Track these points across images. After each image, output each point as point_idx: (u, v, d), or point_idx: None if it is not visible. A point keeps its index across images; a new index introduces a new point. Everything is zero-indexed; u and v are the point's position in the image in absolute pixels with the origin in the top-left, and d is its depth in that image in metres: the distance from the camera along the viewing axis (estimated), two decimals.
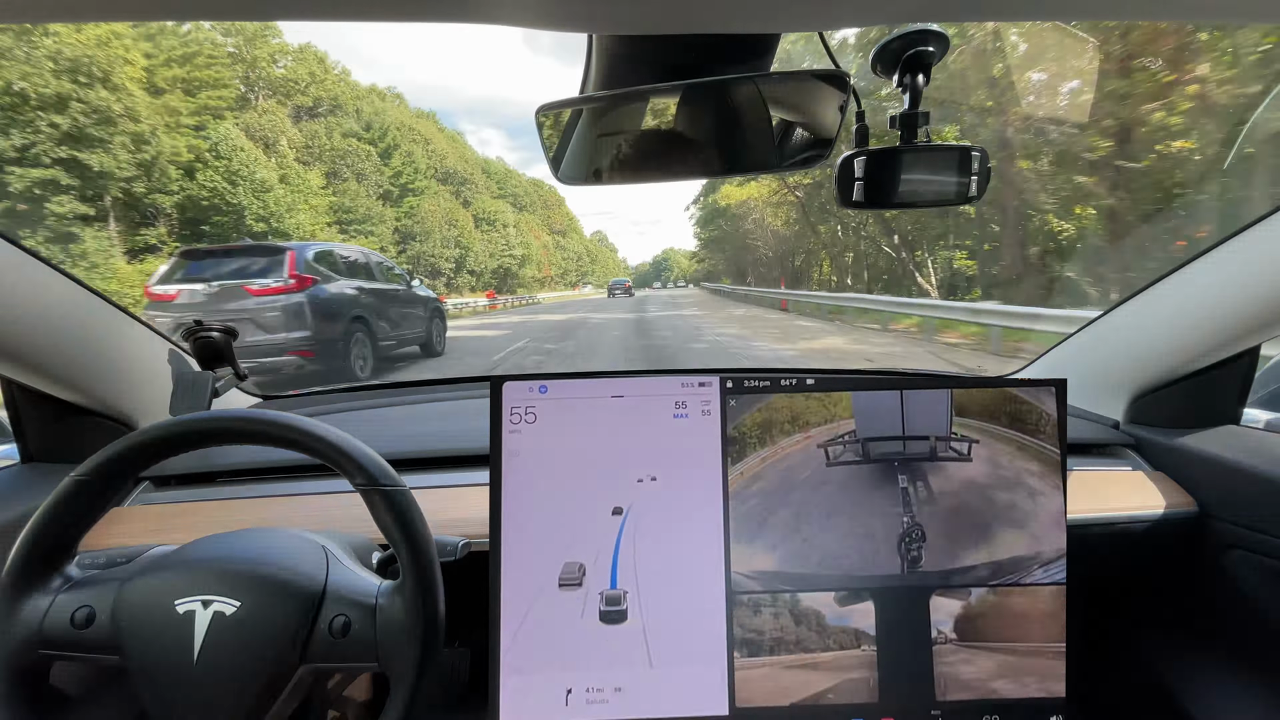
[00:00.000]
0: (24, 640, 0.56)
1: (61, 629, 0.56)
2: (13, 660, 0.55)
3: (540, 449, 0.68)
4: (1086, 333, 1.07)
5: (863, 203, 0.67)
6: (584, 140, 0.71)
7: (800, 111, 0.69)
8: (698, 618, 0.67)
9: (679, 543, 0.68)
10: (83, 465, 0.59)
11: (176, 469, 0.94)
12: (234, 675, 0.56)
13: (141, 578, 0.59)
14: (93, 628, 0.56)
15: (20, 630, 0.56)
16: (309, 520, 0.83)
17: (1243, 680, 0.86)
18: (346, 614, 0.59)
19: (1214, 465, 0.88)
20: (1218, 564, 0.87)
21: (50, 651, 0.56)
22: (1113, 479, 0.94)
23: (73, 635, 0.56)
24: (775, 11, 0.41)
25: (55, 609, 0.57)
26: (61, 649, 0.56)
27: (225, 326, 0.98)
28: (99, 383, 0.88)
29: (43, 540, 0.58)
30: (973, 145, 0.66)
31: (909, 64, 0.62)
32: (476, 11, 0.39)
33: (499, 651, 0.66)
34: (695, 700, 0.67)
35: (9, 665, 0.55)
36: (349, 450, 0.60)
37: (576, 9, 0.39)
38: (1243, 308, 0.81)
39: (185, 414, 0.63)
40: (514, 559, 0.67)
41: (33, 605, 0.57)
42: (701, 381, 0.70)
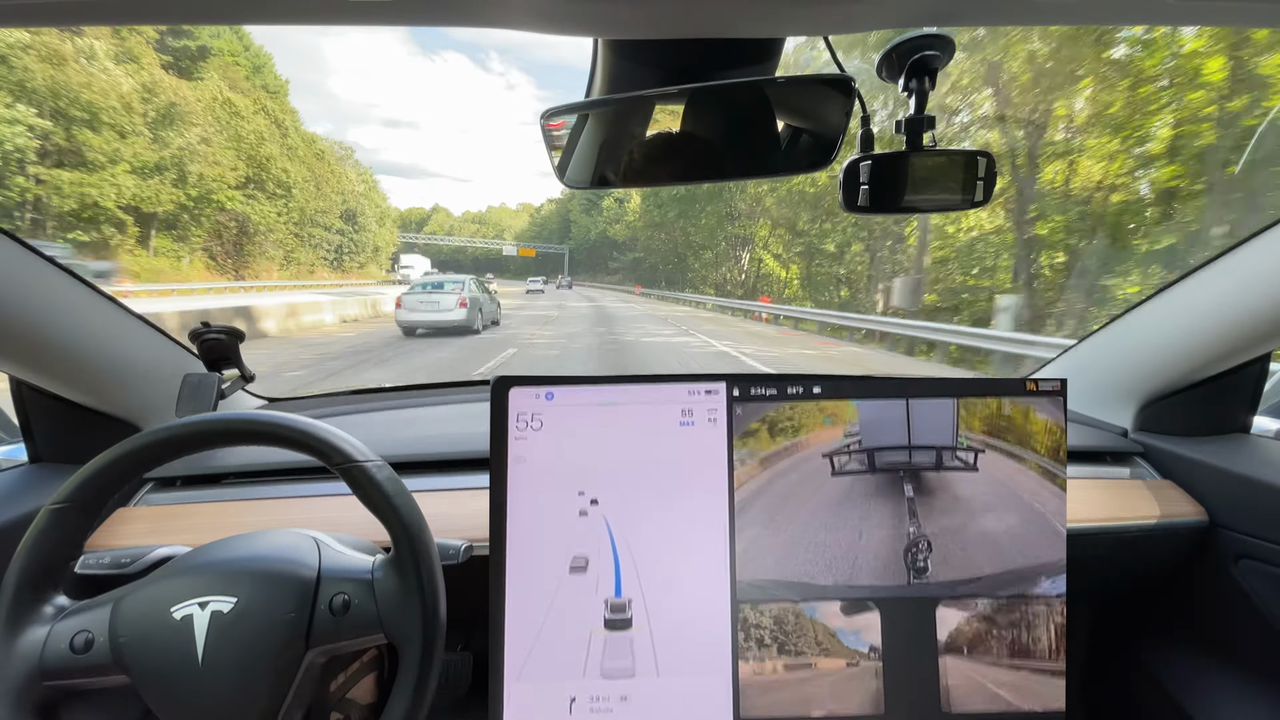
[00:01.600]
0: (26, 675, 0.55)
1: (62, 657, 0.56)
2: (20, 697, 0.55)
3: (546, 456, 0.68)
4: (1094, 339, 1.06)
5: (868, 207, 0.67)
6: (589, 145, 0.71)
7: (805, 116, 0.69)
8: (703, 626, 0.67)
9: (684, 551, 0.67)
10: (59, 491, 0.58)
11: (181, 470, 0.95)
12: (242, 670, 0.56)
13: (135, 593, 0.59)
14: (93, 651, 0.56)
15: (21, 665, 0.55)
16: (312, 522, 0.83)
17: (1251, 691, 0.85)
18: (345, 592, 0.59)
19: (1224, 474, 0.87)
20: (1227, 574, 0.86)
21: (56, 683, 0.56)
22: (1121, 487, 0.93)
23: (74, 662, 0.56)
24: (779, 16, 0.41)
25: (53, 638, 0.56)
26: (66, 677, 0.56)
27: (230, 328, 0.98)
28: (106, 383, 0.88)
29: (30, 572, 0.57)
30: (979, 150, 0.66)
31: (914, 68, 0.61)
32: (482, 16, 0.39)
33: (501, 657, 0.66)
34: (700, 710, 0.66)
35: (17, 703, 0.55)
36: (321, 434, 0.61)
37: (582, 13, 0.39)
38: (1253, 314, 0.80)
39: (189, 416, 0.63)
40: (518, 564, 0.67)
41: (30, 638, 0.56)
42: (708, 389, 0.69)
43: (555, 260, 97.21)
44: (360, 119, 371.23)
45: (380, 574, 0.61)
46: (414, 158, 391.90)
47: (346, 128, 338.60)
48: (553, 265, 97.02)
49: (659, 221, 39.65)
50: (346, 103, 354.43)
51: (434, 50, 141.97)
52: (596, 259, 78.74)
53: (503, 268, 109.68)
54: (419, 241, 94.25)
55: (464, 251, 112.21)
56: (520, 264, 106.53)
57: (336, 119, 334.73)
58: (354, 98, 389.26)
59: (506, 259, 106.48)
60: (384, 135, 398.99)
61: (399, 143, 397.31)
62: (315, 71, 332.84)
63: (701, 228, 32.01)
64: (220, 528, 0.79)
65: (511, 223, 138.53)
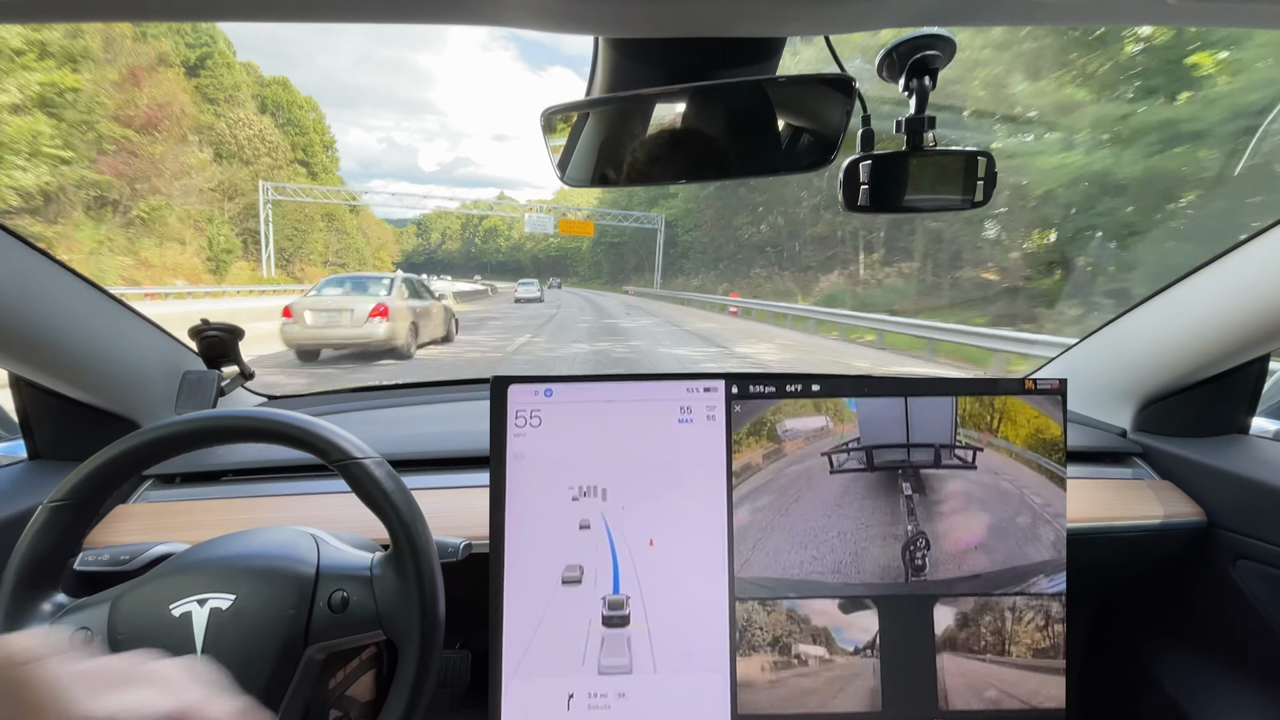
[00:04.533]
0: None
1: None
2: None
3: (545, 452, 0.68)
4: (1094, 339, 1.06)
5: (868, 207, 0.67)
6: (589, 143, 0.71)
7: (806, 115, 0.69)
8: (701, 624, 0.67)
9: (682, 548, 0.68)
10: (57, 488, 0.58)
11: (181, 467, 0.95)
12: (241, 667, 0.56)
13: (133, 591, 0.59)
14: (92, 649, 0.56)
15: None
16: (311, 519, 0.83)
17: (1249, 691, 0.85)
18: (344, 589, 0.59)
19: (1222, 475, 0.87)
20: (1225, 574, 0.86)
21: None
22: (1120, 487, 0.93)
23: None
24: (779, 16, 0.41)
25: None
26: None
27: (230, 326, 0.98)
28: (105, 380, 0.88)
29: (28, 569, 0.57)
30: (979, 150, 0.66)
31: (915, 68, 0.61)
32: (482, 14, 0.39)
33: (500, 654, 0.66)
34: (697, 707, 0.66)
35: None
36: (320, 431, 0.61)
37: (582, 11, 0.39)
38: (1253, 315, 0.80)
39: (189, 413, 0.63)
40: (517, 562, 0.67)
41: None
42: (707, 386, 0.69)
43: (644, 242, 56.85)
44: (469, 133, 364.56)
45: (379, 571, 0.61)
46: (517, 171, 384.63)
47: (459, 141, 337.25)
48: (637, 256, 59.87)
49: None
50: (457, 119, 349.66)
51: (541, 67, 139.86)
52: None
53: (522, 268, 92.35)
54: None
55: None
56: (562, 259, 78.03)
57: (451, 135, 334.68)
58: (464, 116, 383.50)
59: (530, 253, 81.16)
60: (492, 148, 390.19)
61: (505, 156, 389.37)
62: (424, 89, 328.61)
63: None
64: (219, 525, 0.79)
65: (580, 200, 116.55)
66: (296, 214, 38.47)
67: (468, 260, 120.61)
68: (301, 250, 39.13)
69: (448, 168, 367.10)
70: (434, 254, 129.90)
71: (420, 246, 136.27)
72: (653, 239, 48.41)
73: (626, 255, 54.81)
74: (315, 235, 40.84)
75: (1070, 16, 0.43)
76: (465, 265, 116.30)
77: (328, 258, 42.57)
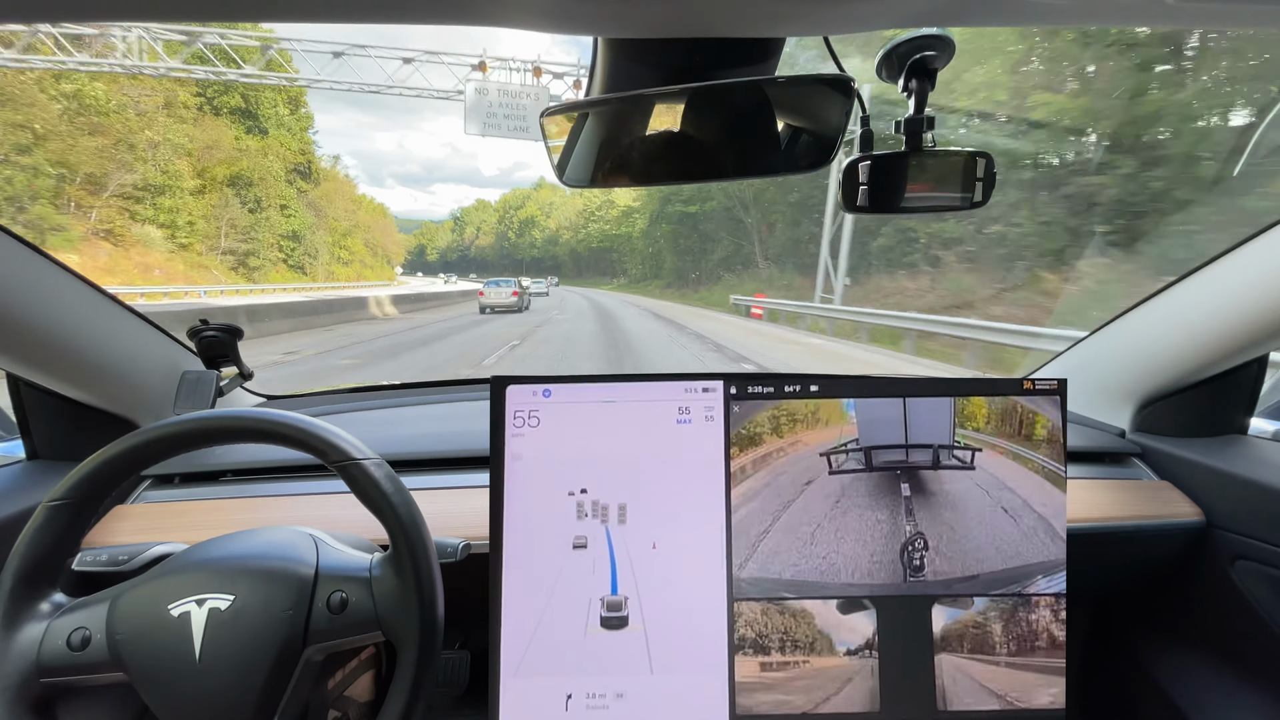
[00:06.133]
0: (24, 672, 0.55)
1: (59, 654, 0.56)
2: (17, 694, 0.55)
3: (543, 452, 0.68)
4: (1092, 340, 1.06)
5: (867, 207, 0.67)
6: (589, 143, 0.71)
7: (805, 116, 0.69)
8: (699, 624, 0.67)
9: (681, 549, 0.68)
10: (56, 488, 0.58)
11: (179, 468, 0.94)
12: (239, 667, 0.56)
13: (132, 590, 0.59)
14: (90, 648, 0.56)
15: (18, 662, 0.55)
16: (310, 520, 0.83)
17: (1247, 691, 0.85)
18: (342, 590, 0.59)
19: (1221, 475, 0.87)
20: (1224, 574, 0.86)
21: (53, 679, 0.56)
22: (1118, 487, 0.93)
23: (72, 659, 0.56)
24: (779, 16, 0.41)
25: (50, 635, 0.56)
26: (63, 674, 0.56)
27: (229, 325, 0.98)
28: (104, 380, 0.88)
29: (27, 569, 0.57)
30: (978, 150, 0.66)
31: (914, 69, 0.61)
32: (481, 14, 0.39)
33: (499, 654, 0.66)
34: (696, 708, 0.66)
35: (14, 700, 0.55)
36: (319, 432, 0.61)
37: (581, 12, 0.39)
38: (1251, 316, 0.80)
39: (187, 413, 0.63)
40: (515, 562, 0.67)
41: (28, 635, 0.56)
42: (705, 387, 0.69)
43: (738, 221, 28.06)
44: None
45: (378, 572, 0.61)
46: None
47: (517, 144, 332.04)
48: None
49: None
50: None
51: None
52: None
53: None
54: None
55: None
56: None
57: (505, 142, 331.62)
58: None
59: (568, 245, 71.02)
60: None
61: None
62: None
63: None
64: (218, 525, 0.79)
65: None
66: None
67: (501, 257, 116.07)
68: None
69: (506, 171, 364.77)
70: (467, 250, 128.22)
71: (454, 243, 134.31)
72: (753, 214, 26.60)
73: (707, 239, 31.33)
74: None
75: (1070, 17, 0.42)
76: (498, 264, 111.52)
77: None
